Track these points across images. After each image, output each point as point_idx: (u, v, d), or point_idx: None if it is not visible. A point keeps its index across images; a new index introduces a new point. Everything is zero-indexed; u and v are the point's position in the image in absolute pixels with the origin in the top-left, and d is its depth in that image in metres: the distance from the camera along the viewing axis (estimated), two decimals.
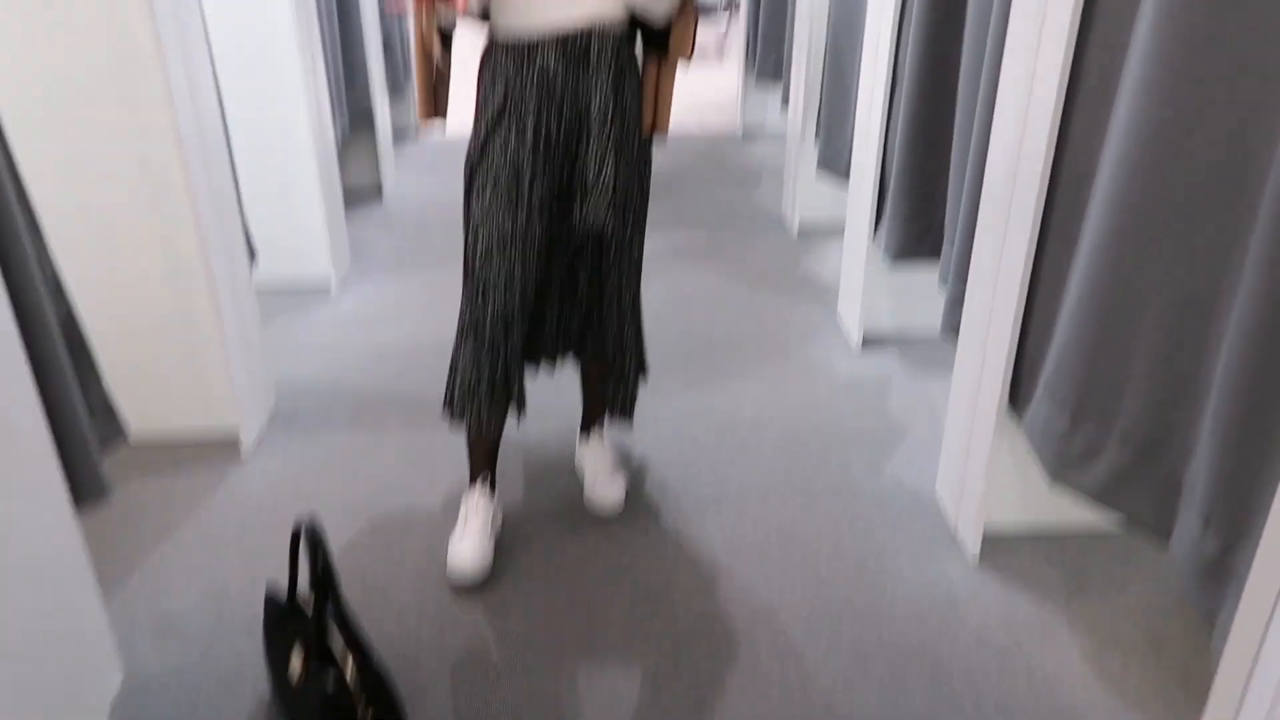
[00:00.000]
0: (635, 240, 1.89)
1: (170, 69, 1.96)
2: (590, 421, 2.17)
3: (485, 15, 1.75)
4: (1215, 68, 1.26)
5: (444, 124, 1.88)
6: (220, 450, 2.27)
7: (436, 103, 1.85)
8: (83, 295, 1.69)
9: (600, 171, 1.73)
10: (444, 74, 1.83)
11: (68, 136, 2.00)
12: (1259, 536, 1.11)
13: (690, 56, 1.81)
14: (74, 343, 1.58)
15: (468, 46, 1.96)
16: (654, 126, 1.86)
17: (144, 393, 2.22)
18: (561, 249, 1.86)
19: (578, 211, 1.77)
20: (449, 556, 1.88)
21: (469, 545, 1.87)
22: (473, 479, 1.97)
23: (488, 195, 1.74)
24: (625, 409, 2.06)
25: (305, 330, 2.90)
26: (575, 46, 1.69)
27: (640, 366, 2.05)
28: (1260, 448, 1.22)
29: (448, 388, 1.87)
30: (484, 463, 1.97)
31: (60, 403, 1.47)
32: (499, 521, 2.00)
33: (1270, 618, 1.11)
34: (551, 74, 1.69)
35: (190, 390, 2.26)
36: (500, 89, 1.72)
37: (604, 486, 2.09)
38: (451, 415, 1.88)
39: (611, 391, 2.04)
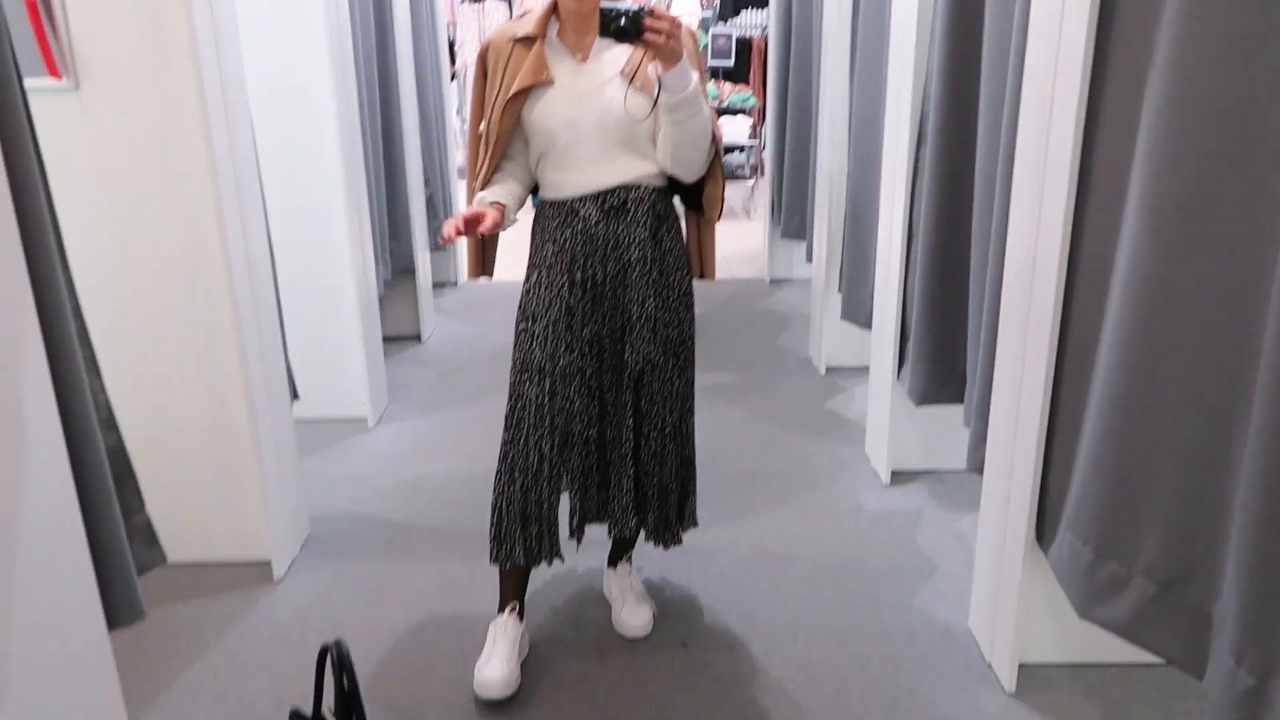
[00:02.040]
0: (680, 374, 1.98)
1: (228, 224, 2.12)
2: (619, 554, 2.20)
3: (534, 188, 1.96)
4: (1219, 191, 1.32)
5: (489, 278, 2.05)
6: (254, 575, 2.30)
7: (484, 262, 2.04)
8: (129, 425, 1.77)
9: (641, 309, 1.87)
10: (491, 239, 2.01)
11: (139, 286, 2.14)
12: None
13: (719, 216, 1.99)
14: (120, 472, 1.65)
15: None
16: (702, 273, 2.04)
17: (181, 521, 2.28)
18: (618, 391, 1.93)
19: (621, 353, 1.90)
20: (476, 673, 1.89)
21: (496, 663, 1.89)
22: (502, 607, 1.99)
23: (538, 331, 1.86)
24: (685, 522, 2.10)
25: (342, 463, 2.97)
26: (613, 202, 1.84)
27: (687, 493, 2.10)
28: None
29: (492, 524, 1.93)
30: (514, 593, 2.00)
31: (103, 528, 1.52)
32: (526, 647, 2.01)
33: None
34: (593, 226, 1.85)
35: (226, 519, 2.31)
36: (550, 242, 1.88)
37: (632, 610, 2.11)
38: (496, 552, 1.93)
39: (663, 519, 2.05)
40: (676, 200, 1.99)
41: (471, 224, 1.77)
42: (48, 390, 1.35)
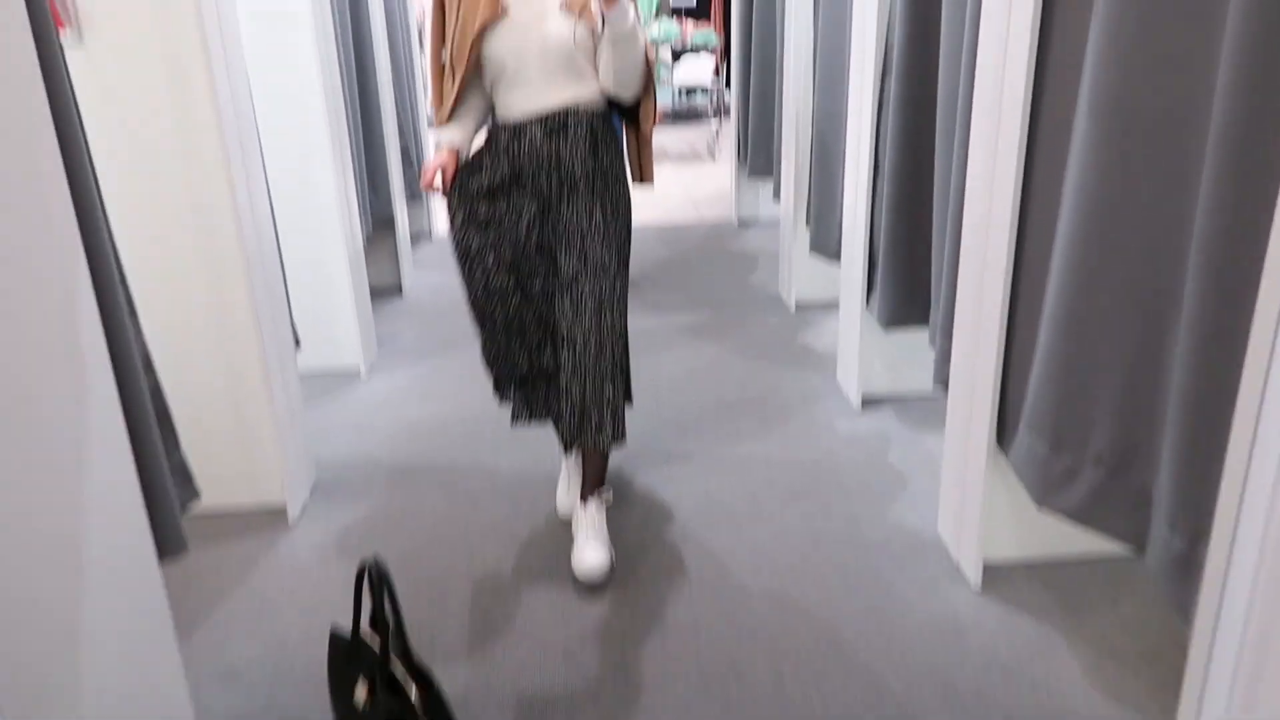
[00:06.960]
0: (620, 273, 2.17)
1: (235, 182, 2.20)
2: (589, 490, 2.28)
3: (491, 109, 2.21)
4: (1146, 139, 1.47)
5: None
6: (268, 520, 2.43)
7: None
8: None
9: (590, 218, 2.12)
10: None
11: (150, 239, 2.24)
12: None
13: (654, 126, 2.26)
14: (160, 411, 1.77)
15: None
16: (642, 178, 2.32)
17: (198, 468, 2.39)
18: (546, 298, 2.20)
19: (564, 258, 2.13)
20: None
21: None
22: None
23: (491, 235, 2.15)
24: (616, 433, 2.14)
25: (340, 411, 3.09)
26: (554, 123, 2.10)
27: (626, 392, 2.23)
28: (1213, 451, 1.39)
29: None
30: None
31: (149, 463, 1.64)
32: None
33: (1223, 593, 1.26)
34: (538, 144, 2.10)
35: (242, 465, 2.43)
36: (504, 157, 2.13)
37: (582, 549, 2.17)
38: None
39: (599, 418, 2.12)
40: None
41: (442, 175, 2.14)
42: (99, 331, 1.45)
